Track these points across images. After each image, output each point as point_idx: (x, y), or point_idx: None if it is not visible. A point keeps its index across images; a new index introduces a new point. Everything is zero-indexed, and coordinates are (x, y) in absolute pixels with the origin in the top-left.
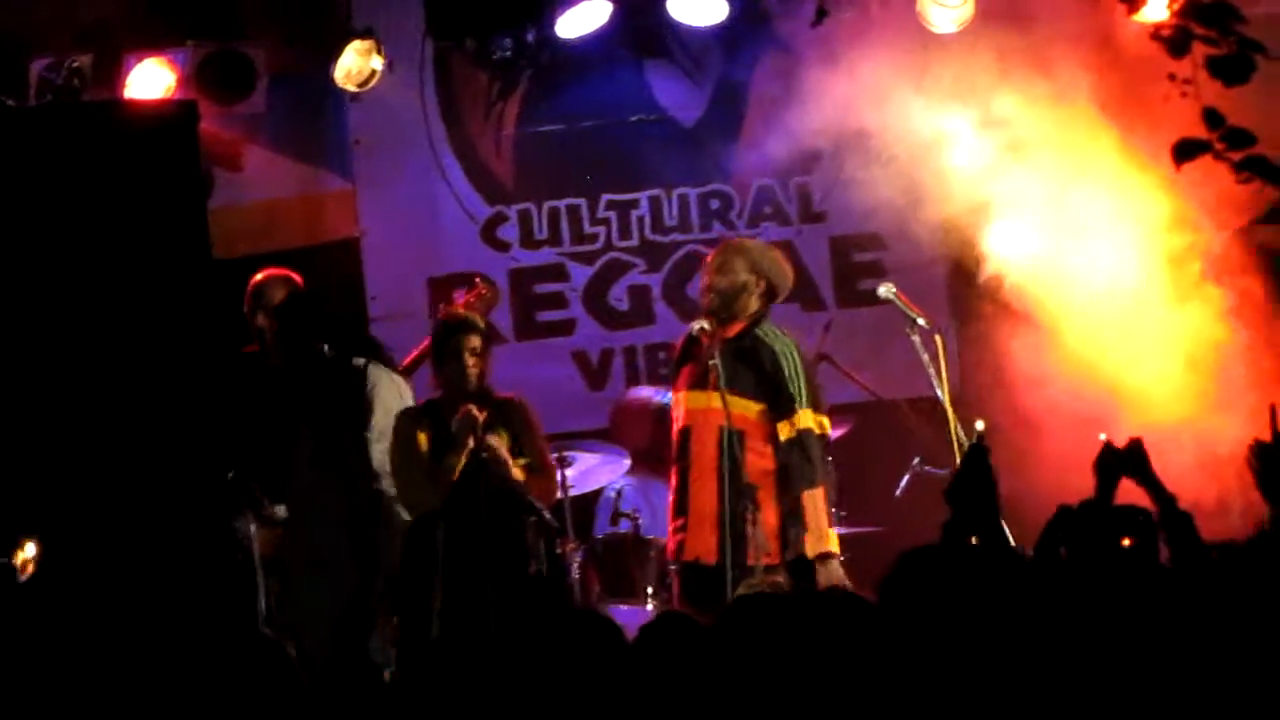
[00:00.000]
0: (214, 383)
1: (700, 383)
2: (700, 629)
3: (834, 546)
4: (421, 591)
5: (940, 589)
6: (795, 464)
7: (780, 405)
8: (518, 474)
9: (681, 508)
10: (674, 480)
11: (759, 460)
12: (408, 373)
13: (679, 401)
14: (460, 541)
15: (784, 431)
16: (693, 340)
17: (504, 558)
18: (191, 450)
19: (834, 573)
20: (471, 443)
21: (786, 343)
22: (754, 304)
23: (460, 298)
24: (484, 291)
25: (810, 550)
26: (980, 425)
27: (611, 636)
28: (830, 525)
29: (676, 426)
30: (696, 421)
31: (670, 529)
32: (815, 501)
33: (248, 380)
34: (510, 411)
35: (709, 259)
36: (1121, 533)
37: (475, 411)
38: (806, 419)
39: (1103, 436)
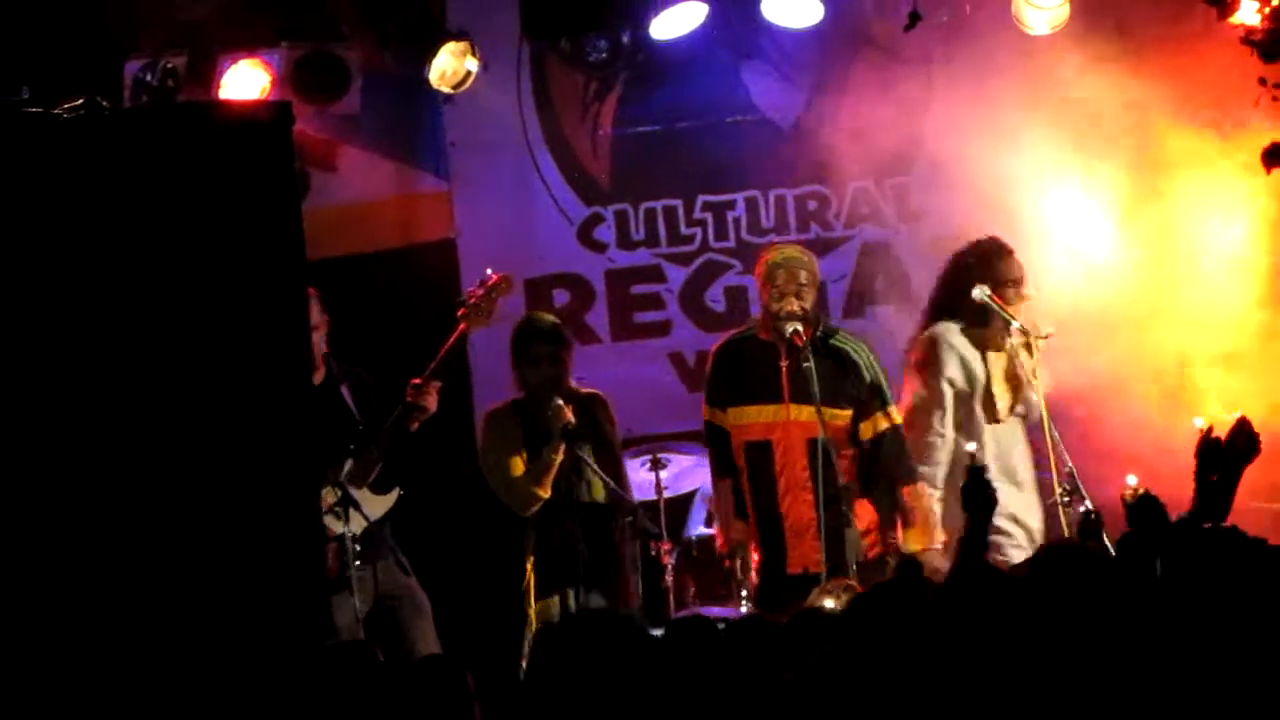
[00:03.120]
0: (308, 382)
1: (774, 395)
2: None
3: (938, 540)
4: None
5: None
6: (889, 460)
7: (869, 405)
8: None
9: (769, 522)
10: (748, 493)
11: (846, 464)
12: (434, 376)
13: (740, 415)
14: (552, 543)
15: (869, 429)
16: (739, 351)
17: (598, 558)
18: (286, 449)
19: (931, 563)
20: (565, 439)
21: (860, 343)
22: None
23: (470, 291)
24: (493, 280)
25: (916, 544)
26: (971, 446)
27: (708, 638)
28: (922, 522)
29: (742, 438)
30: (777, 435)
31: (751, 542)
32: (919, 496)
33: None
34: (592, 407)
35: (794, 271)
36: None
37: (563, 406)
38: (895, 414)
39: (1199, 422)
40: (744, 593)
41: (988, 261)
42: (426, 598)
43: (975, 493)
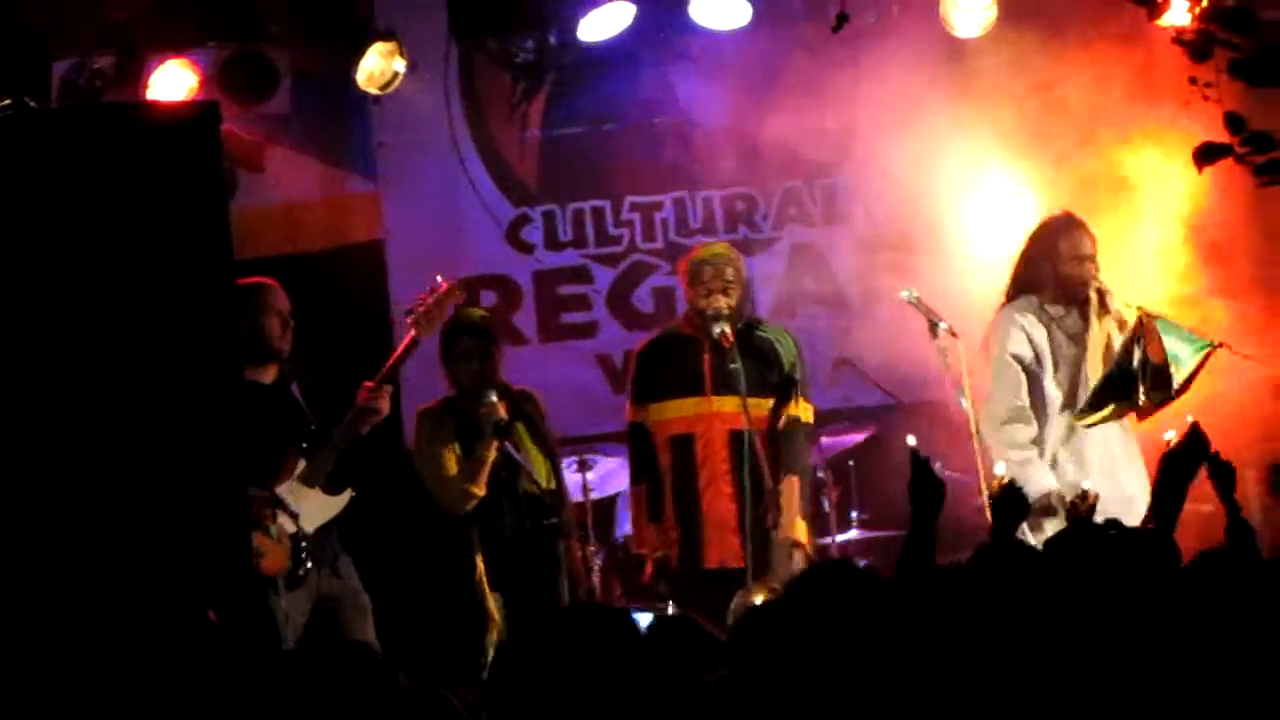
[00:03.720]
0: (235, 385)
1: (695, 388)
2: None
3: (802, 536)
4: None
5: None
6: (785, 450)
7: (783, 393)
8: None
9: (688, 516)
10: (668, 488)
11: (769, 456)
12: (387, 379)
13: (662, 410)
14: (497, 536)
15: (781, 418)
16: (661, 348)
17: (536, 552)
18: (213, 455)
19: (798, 564)
20: (496, 435)
21: (784, 333)
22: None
23: (421, 299)
24: (443, 289)
25: (780, 535)
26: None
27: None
28: (800, 515)
29: (665, 434)
30: (700, 428)
31: (667, 538)
32: (791, 488)
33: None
34: (525, 403)
35: (721, 268)
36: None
37: (495, 402)
38: (802, 407)
39: (1168, 436)
40: (661, 589)
41: (1051, 238)
42: (368, 597)
43: (920, 484)
